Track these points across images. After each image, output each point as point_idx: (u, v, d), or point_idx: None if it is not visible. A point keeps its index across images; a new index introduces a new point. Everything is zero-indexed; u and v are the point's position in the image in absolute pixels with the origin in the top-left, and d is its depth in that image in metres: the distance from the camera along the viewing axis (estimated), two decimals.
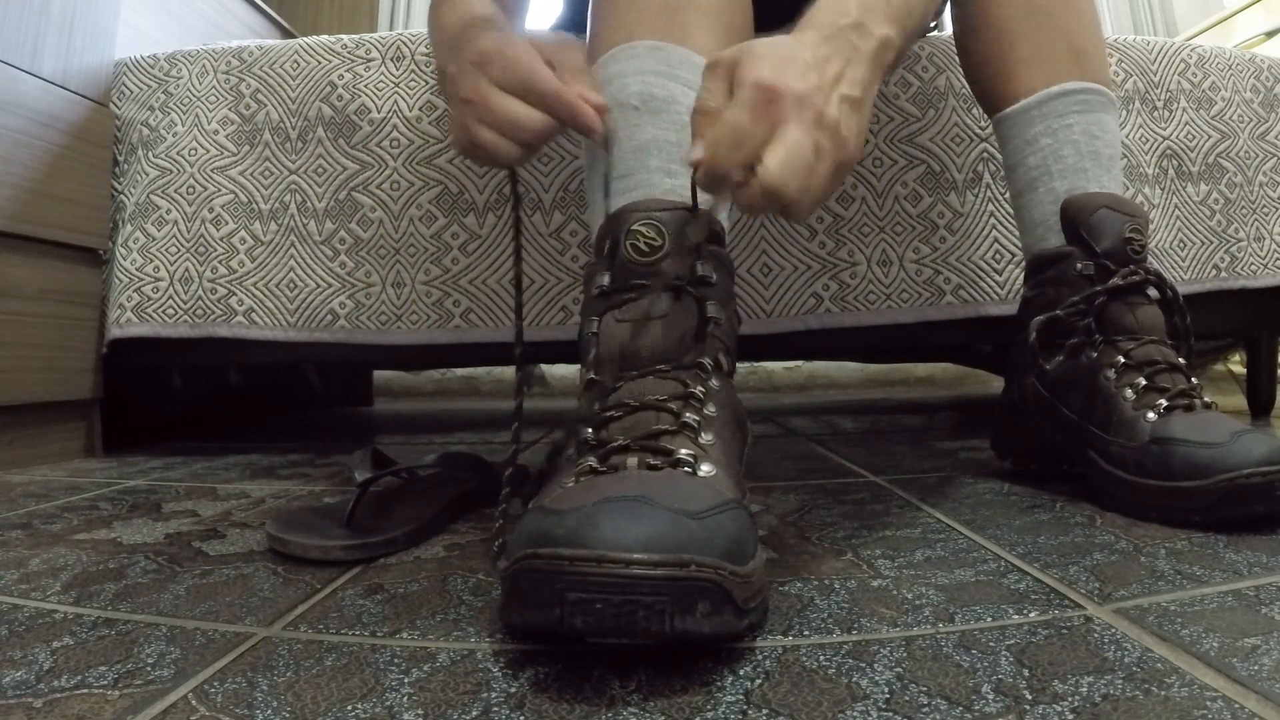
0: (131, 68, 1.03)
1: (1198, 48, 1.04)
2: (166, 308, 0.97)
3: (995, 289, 0.93)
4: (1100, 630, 0.35)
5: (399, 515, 0.56)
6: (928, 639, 0.35)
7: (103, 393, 1.01)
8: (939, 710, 0.28)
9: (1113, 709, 0.28)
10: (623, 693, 0.31)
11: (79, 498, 0.73)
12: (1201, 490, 0.50)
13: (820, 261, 0.93)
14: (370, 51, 0.98)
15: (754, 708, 0.29)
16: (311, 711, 0.30)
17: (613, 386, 0.44)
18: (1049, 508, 0.59)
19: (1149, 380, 0.58)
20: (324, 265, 0.96)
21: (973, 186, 0.94)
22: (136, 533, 0.59)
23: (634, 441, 0.40)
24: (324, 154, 0.97)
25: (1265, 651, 0.32)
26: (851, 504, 0.63)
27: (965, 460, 0.83)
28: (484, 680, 0.32)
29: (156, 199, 0.98)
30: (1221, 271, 1.01)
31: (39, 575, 0.48)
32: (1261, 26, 1.71)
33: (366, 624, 0.39)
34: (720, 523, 0.34)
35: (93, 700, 0.31)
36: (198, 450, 1.05)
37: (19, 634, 0.38)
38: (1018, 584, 0.42)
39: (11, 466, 0.89)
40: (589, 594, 0.30)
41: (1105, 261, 0.62)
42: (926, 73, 0.93)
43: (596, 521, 0.31)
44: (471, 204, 0.94)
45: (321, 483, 0.80)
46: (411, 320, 0.95)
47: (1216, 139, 1.02)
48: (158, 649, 0.36)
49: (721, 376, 0.46)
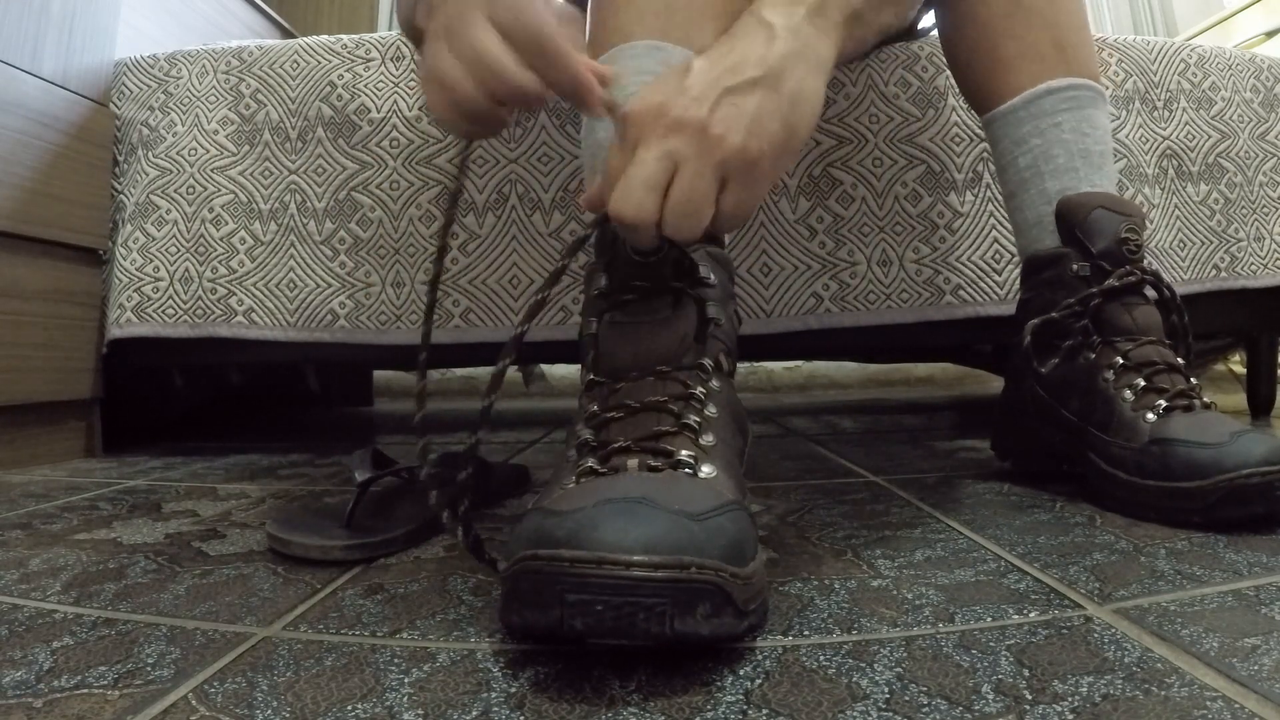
0: (131, 68, 1.03)
1: (1198, 48, 1.04)
2: (166, 308, 0.97)
3: (995, 289, 0.93)
4: (1100, 630, 0.35)
5: (399, 515, 0.56)
6: (928, 639, 0.35)
7: (103, 393, 1.01)
8: (939, 710, 0.28)
9: (1113, 709, 0.28)
10: (623, 693, 0.31)
11: (79, 498, 0.73)
12: (1201, 490, 0.50)
13: (820, 261, 0.93)
14: (370, 51, 0.98)
15: (754, 708, 0.29)
16: (311, 711, 0.30)
17: (613, 387, 0.44)
18: (1049, 508, 0.59)
19: (1148, 381, 0.58)
20: (324, 265, 0.96)
21: (973, 186, 0.94)
22: (136, 533, 0.59)
23: (634, 443, 0.40)
24: (324, 154, 0.97)
25: (1265, 651, 0.32)
26: (851, 504, 0.63)
27: (965, 460, 0.83)
28: (484, 680, 0.32)
29: (156, 199, 0.98)
30: (1221, 271, 1.01)
31: (39, 575, 0.48)
32: (1261, 26, 1.71)
33: (366, 624, 0.39)
34: (720, 524, 0.34)
35: (93, 700, 0.31)
36: (198, 450, 1.05)
37: (19, 634, 0.38)
38: (1018, 584, 0.42)
39: (11, 466, 0.89)
40: (589, 595, 0.30)
41: (1101, 262, 0.62)
42: (926, 73, 0.93)
43: (597, 523, 0.31)
44: (471, 204, 0.94)
45: (321, 483, 0.80)
46: (411, 320, 0.95)
47: (1216, 139, 1.02)
48: (158, 649, 0.36)
49: (722, 377, 0.46)
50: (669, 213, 0.41)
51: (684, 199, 0.41)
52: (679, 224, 0.41)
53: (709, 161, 0.41)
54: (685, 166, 0.40)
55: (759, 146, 0.42)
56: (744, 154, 0.42)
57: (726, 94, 0.42)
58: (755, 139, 0.42)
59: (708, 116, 0.41)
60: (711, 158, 0.41)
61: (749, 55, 0.43)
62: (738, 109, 0.42)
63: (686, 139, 0.40)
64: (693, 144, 0.40)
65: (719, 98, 0.41)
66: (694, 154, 0.40)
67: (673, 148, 0.40)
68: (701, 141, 0.41)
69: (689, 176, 0.40)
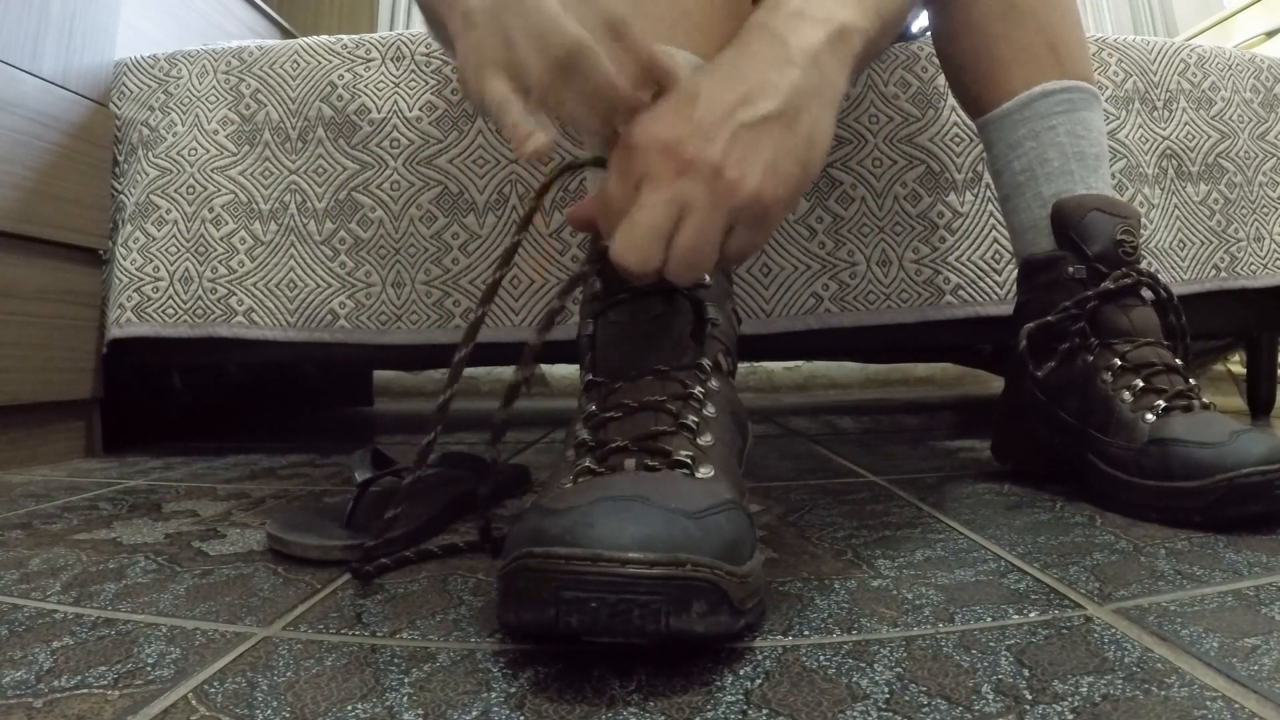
0: (131, 68, 1.03)
1: (1198, 48, 1.04)
2: (166, 308, 0.97)
3: (995, 289, 0.93)
4: (1100, 630, 0.35)
5: (399, 515, 0.55)
6: (928, 639, 0.35)
7: (103, 393, 1.01)
8: (939, 710, 0.28)
9: (1113, 709, 0.28)
10: (623, 693, 0.31)
11: (79, 498, 0.73)
12: (1201, 490, 0.50)
13: (820, 261, 0.93)
14: (370, 51, 0.98)
15: (754, 708, 0.29)
16: (311, 711, 0.30)
17: (612, 387, 0.44)
18: (1049, 508, 0.59)
19: (1146, 382, 0.58)
20: (324, 265, 0.96)
21: (972, 186, 0.94)
22: (136, 533, 0.59)
23: (632, 442, 0.40)
24: (324, 154, 0.97)
25: (1265, 651, 0.32)
26: (851, 504, 0.63)
27: (965, 460, 0.83)
28: (484, 680, 0.32)
29: (156, 199, 0.99)
30: (1221, 271, 1.01)
31: (39, 575, 0.48)
32: (1261, 26, 1.71)
33: (366, 624, 0.39)
34: (717, 523, 0.34)
35: (93, 700, 0.31)
36: (198, 450, 1.05)
37: (19, 634, 0.38)
38: (1018, 584, 0.42)
39: (11, 466, 0.89)
40: (584, 593, 0.30)
41: (1097, 265, 0.62)
42: (926, 73, 0.93)
43: (592, 520, 0.31)
44: (471, 204, 0.94)
45: (321, 483, 0.80)
46: (411, 320, 0.95)
47: (1216, 139, 1.02)
48: (158, 649, 0.36)
49: (721, 377, 0.46)
50: (673, 260, 0.38)
51: (690, 247, 0.38)
52: (682, 271, 0.39)
53: (721, 209, 0.38)
54: (694, 213, 0.38)
55: (774, 192, 0.39)
56: (758, 200, 0.39)
57: (741, 131, 0.38)
58: (770, 184, 0.39)
59: (721, 158, 0.38)
60: (724, 205, 0.38)
61: (763, 82, 0.40)
62: (754, 151, 0.38)
63: (698, 184, 0.37)
64: (704, 189, 0.37)
65: (733, 135, 0.38)
66: (705, 201, 0.37)
67: (682, 192, 0.37)
68: (714, 187, 0.37)
69: (698, 224, 0.38)
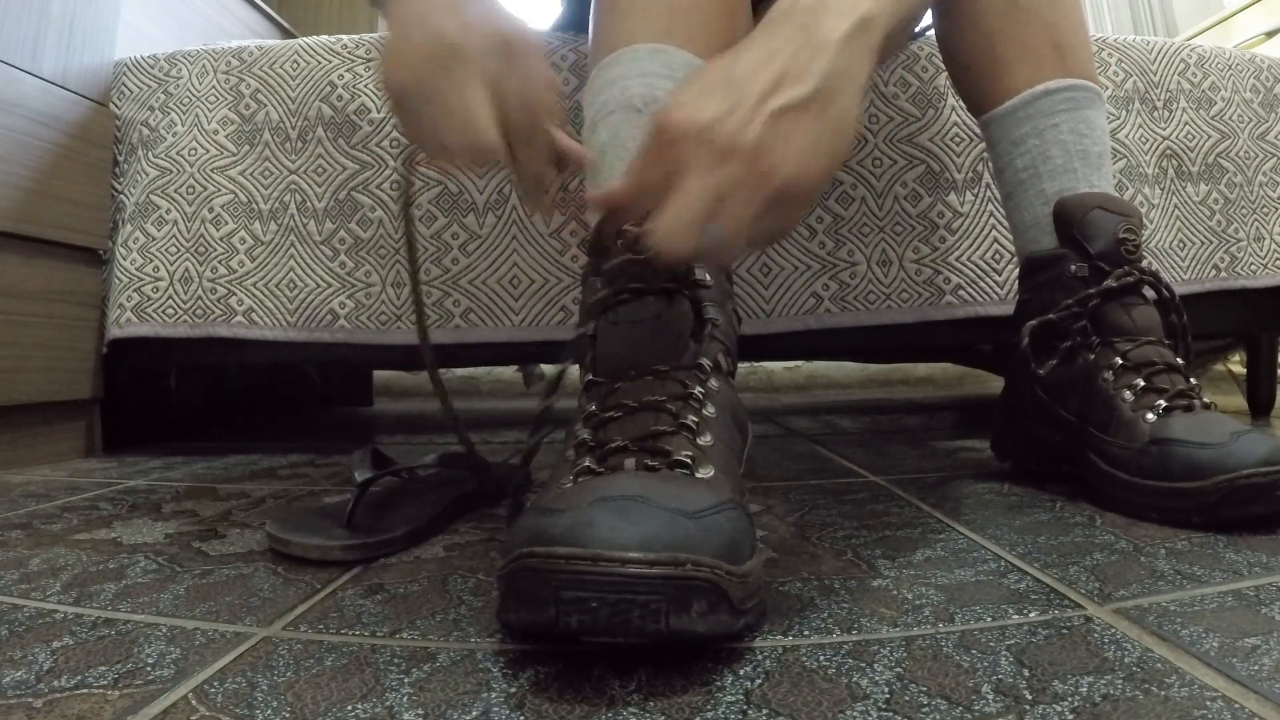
0: (131, 68, 1.03)
1: (1198, 48, 1.04)
2: (166, 308, 0.97)
3: (995, 289, 0.93)
4: (1100, 630, 0.35)
5: (399, 515, 0.56)
6: (928, 639, 0.35)
7: (103, 393, 1.01)
8: (939, 710, 0.28)
9: (1113, 709, 0.28)
10: (623, 693, 0.31)
11: (79, 498, 0.73)
12: (1201, 491, 0.50)
13: (820, 261, 0.93)
14: (370, 51, 0.98)
15: (754, 708, 0.29)
16: (311, 711, 0.30)
17: (612, 387, 0.44)
18: (1049, 508, 0.59)
19: (1147, 381, 0.58)
20: (324, 265, 0.96)
21: (972, 186, 0.94)
22: (136, 533, 0.59)
23: (632, 442, 0.40)
24: (324, 154, 0.97)
25: (1265, 651, 0.32)
26: (851, 504, 0.63)
27: (965, 460, 0.83)
28: (484, 680, 0.32)
29: (156, 199, 0.99)
30: (1221, 271, 1.01)
31: (39, 575, 0.48)
32: (1261, 26, 1.71)
33: (366, 624, 0.39)
34: (717, 522, 0.34)
35: (93, 700, 0.31)
36: (198, 450, 1.05)
37: (19, 634, 0.38)
38: (1018, 584, 0.42)
39: (11, 466, 0.89)
40: (584, 592, 0.30)
41: (1099, 263, 0.62)
42: (926, 73, 0.93)
43: (592, 520, 0.31)
44: (471, 204, 0.94)
45: (321, 483, 0.80)
46: (412, 320, 0.95)
47: (1216, 139, 1.02)
48: (158, 649, 0.36)
49: (721, 377, 0.46)
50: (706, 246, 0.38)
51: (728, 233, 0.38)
52: (715, 255, 0.39)
53: (757, 196, 0.38)
54: (731, 201, 0.38)
55: (807, 179, 0.39)
56: (792, 187, 0.39)
57: (776, 116, 0.38)
58: (804, 171, 0.39)
59: (757, 144, 0.38)
60: (760, 192, 0.38)
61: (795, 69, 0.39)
62: (789, 137, 0.38)
63: (735, 172, 0.37)
64: (741, 177, 0.38)
65: (769, 120, 0.38)
66: (743, 189, 0.38)
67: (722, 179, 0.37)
68: (750, 174, 0.38)
69: (734, 212, 0.38)
